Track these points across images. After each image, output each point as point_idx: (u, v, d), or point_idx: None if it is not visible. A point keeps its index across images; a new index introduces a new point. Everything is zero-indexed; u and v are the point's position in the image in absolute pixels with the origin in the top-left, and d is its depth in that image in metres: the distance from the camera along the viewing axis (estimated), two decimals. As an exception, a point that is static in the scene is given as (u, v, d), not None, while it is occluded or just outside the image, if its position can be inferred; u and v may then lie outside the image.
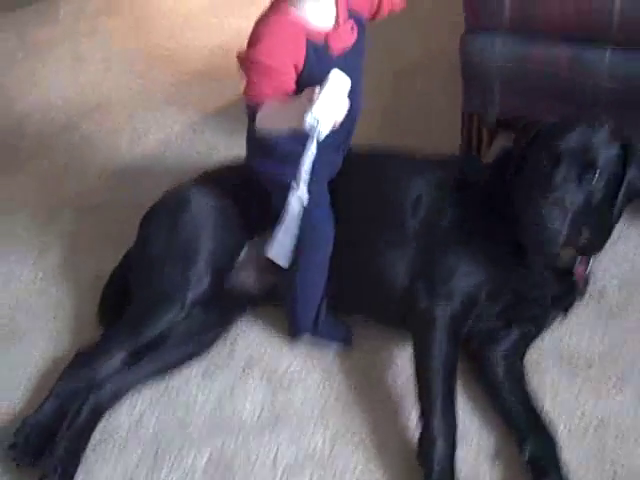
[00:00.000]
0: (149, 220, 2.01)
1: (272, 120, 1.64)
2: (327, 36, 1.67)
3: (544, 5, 1.89)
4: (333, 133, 1.64)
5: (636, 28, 1.83)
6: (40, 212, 2.40)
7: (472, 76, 2.08)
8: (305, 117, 1.50)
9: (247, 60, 1.66)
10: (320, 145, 1.65)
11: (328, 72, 1.59)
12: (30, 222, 2.37)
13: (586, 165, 1.64)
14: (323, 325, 1.92)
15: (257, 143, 1.79)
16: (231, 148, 2.47)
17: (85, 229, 2.33)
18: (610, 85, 1.90)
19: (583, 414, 1.76)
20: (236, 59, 1.69)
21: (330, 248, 1.85)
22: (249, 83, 1.66)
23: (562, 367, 1.86)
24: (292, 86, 1.65)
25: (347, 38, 1.71)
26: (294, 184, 1.63)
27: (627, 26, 1.83)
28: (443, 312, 1.73)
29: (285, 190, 1.72)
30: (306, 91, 1.54)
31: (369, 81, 1.82)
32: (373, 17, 1.82)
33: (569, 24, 1.89)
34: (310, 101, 1.50)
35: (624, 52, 1.88)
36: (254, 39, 1.66)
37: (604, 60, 1.90)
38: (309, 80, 1.61)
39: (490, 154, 2.20)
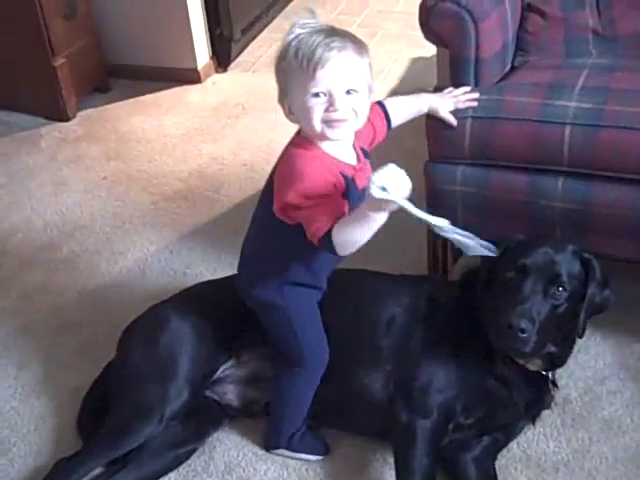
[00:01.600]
0: (129, 336, 2.08)
1: (350, 233, 1.60)
2: (354, 172, 1.72)
3: (500, 138, 2.05)
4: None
5: (582, 159, 1.99)
6: (19, 329, 2.45)
7: (435, 199, 2.22)
8: (371, 184, 1.48)
9: (295, 198, 1.63)
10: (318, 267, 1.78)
11: (358, 202, 1.64)
12: (9, 339, 2.42)
13: (551, 280, 1.78)
14: (300, 440, 1.97)
15: (262, 268, 1.85)
16: (206, 267, 2.59)
17: (64, 345, 2.38)
18: (563, 208, 2.05)
19: (552, 520, 1.83)
20: (277, 211, 1.68)
21: (324, 367, 1.92)
22: (308, 218, 1.63)
23: (530, 472, 1.92)
24: (345, 208, 1.65)
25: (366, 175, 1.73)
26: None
27: (575, 157, 1.99)
28: (423, 427, 1.80)
29: (274, 310, 1.83)
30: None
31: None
32: None
33: (524, 155, 2.04)
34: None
35: (574, 179, 2.03)
36: (293, 176, 1.65)
37: (557, 186, 2.05)
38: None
39: (455, 272, 2.32)
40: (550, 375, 1.92)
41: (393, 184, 1.49)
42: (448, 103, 2.06)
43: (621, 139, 1.95)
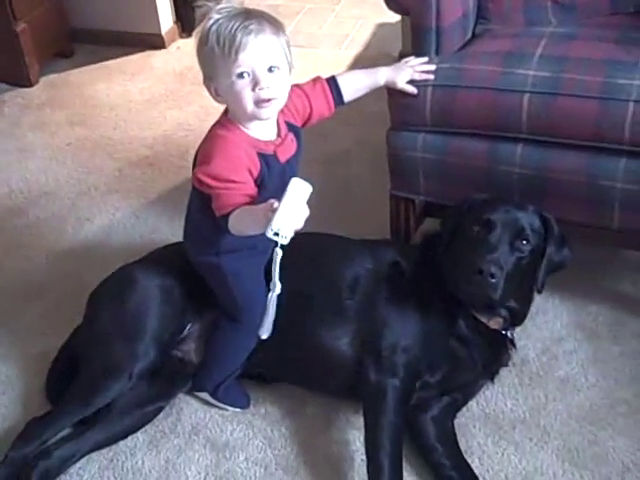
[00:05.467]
0: (97, 297, 2.11)
1: (241, 226, 1.69)
2: (274, 148, 1.80)
3: (460, 106, 2.08)
4: None
5: (540, 126, 2.03)
6: (-14, 294, 2.46)
7: (398, 166, 2.25)
8: (267, 229, 1.55)
9: (205, 177, 1.73)
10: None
11: (280, 178, 1.74)
12: (-25, 304, 2.43)
13: (516, 233, 1.87)
14: (224, 391, 2.04)
15: (198, 237, 1.93)
16: (173, 233, 2.59)
17: (30, 310, 2.39)
18: (521, 173, 2.09)
19: (507, 476, 1.88)
20: (193, 180, 1.79)
21: None
22: (215, 197, 1.73)
23: (488, 429, 1.99)
24: (254, 190, 1.74)
25: (290, 148, 1.85)
26: (271, 285, 1.68)
27: (533, 124, 2.03)
28: (392, 385, 1.86)
29: (216, 273, 1.90)
30: (266, 203, 1.60)
31: (300, 168, 1.93)
32: (303, 125, 1.98)
33: (483, 122, 2.08)
34: (271, 213, 1.56)
35: (533, 146, 2.07)
36: (208, 156, 1.75)
37: (516, 153, 2.09)
38: (265, 186, 1.76)
39: (417, 238, 2.37)
40: (509, 334, 1.99)
41: (286, 230, 1.56)
42: (405, 74, 2.08)
43: (577, 107, 1.99)
